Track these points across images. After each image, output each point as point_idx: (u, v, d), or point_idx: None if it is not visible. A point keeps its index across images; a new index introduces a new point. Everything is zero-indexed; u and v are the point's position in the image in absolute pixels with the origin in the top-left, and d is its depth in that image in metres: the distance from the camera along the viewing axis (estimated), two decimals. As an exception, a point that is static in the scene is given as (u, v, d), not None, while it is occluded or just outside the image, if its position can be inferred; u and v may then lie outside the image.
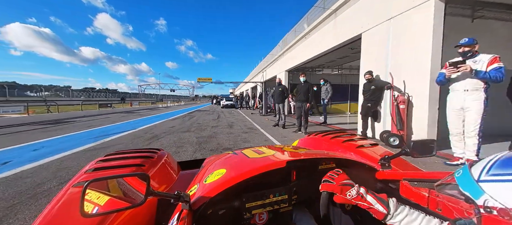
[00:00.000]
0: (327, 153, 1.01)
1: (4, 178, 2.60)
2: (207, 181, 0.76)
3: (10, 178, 2.62)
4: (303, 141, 1.60)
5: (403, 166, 0.99)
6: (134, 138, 5.26)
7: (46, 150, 3.97)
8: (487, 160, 0.43)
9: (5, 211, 1.83)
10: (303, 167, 0.87)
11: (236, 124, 8.23)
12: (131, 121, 9.22)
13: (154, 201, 0.83)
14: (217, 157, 1.16)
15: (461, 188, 0.44)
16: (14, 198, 2.07)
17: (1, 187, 2.33)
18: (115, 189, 0.73)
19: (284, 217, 0.83)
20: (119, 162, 1.04)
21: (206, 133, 6.01)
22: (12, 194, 2.17)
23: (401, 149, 0.82)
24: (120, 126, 7.67)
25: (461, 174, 0.46)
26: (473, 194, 0.41)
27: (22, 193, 2.19)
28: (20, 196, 2.12)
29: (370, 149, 1.18)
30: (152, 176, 1.00)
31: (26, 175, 2.71)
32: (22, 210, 1.86)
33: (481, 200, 0.39)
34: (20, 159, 3.42)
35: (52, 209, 0.72)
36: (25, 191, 2.22)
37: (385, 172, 0.84)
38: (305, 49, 9.30)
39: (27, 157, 3.49)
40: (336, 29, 6.72)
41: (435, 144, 0.84)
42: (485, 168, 0.41)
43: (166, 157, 1.23)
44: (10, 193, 2.18)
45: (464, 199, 0.43)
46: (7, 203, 1.98)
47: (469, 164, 0.47)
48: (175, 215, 0.62)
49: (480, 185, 0.40)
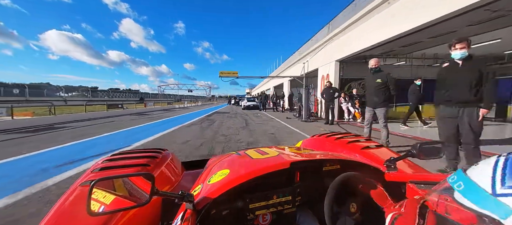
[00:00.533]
0: (331, 154, 1.01)
1: None
2: (211, 181, 0.77)
3: None
4: (307, 142, 1.57)
5: (409, 168, 0.97)
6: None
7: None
8: (491, 165, 0.37)
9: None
10: (307, 168, 0.86)
11: (280, 135, 5.43)
12: (133, 128, 6.78)
13: (158, 200, 0.84)
14: (221, 157, 1.15)
15: (469, 203, 0.36)
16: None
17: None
18: (121, 188, 0.71)
19: (288, 219, 0.81)
20: (125, 162, 1.05)
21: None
22: None
23: (407, 151, 0.81)
24: (110, 139, 5.19)
25: (463, 187, 0.39)
26: (494, 211, 0.33)
27: None
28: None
29: (375, 150, 1.16)
30: (157, 175, 0.99)
31: None
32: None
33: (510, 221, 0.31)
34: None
35: (60, 207, 0.74)
36: None
37: (391, 173, 0.82)
38: (379, 25, 6.19)
39: None
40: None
41: (443, 147, 0.83)
42: (497, 177, 0.35)
43: (170, 157, 1.23)
44: None
45: (476, 215, 0.35)
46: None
47: (462, 169, 0.42)
48: (179, 215, 0.62)
49: (502, 200, 0.33)
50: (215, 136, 5.49)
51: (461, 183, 0.40)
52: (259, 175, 0.69)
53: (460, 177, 0.41)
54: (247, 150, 1.07)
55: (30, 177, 2.57)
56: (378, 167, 0.86)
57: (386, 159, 0.86)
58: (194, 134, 5.73)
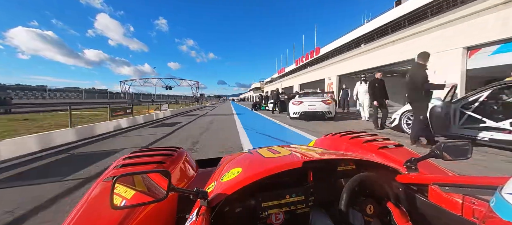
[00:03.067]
0: (346, 153, 0.98)
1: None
2: (224, 179, 0.78)
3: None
4: (321, 141, 1.55)
5: (431, 169, 0.92)
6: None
7: None
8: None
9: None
10: (321, 168, 0.84)
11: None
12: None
13: (174, 196, 0.86)
14: (233, 155, 1.14)
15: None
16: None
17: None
18: (140, 184, 0.69)
19: (301, 218, 0.79)
20: (143, 159, 1.07)
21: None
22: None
23: (430, 151, 0.76)
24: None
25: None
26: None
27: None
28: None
29: (394, 150, 1.12)
30: (173, 172, 1.00)
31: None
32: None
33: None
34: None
35: (86, 200, 0.78)
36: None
37: (411, 175, 0.78)
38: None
39: None
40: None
41: (471, 146, 0.77)
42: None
43: (185, 155, 1.24)
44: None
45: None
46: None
47: (499, 189, 0.41)
48: (194, 211, 0.64)
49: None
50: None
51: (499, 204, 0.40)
52: (270, 174, 0.70)
53: (502, 203, 0.40)
54: (259, 149, 1.06)
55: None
56: (396, 168, 0.82)
57: (406, 159, 0.83)
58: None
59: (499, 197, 0.40)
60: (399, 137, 4.60)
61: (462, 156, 0.76)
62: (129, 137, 5.56)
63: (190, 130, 6.45)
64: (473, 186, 0.57)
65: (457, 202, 0.61)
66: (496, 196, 0.41)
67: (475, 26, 6.63)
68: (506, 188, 0.40)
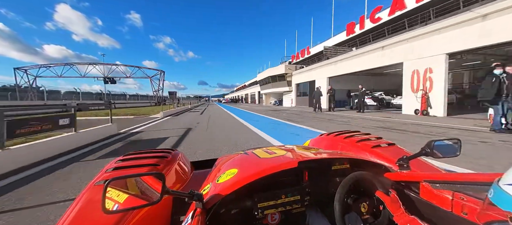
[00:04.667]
0: (340, 153, 1.00)
1: None
2: (220, 181, 0.77)
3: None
4: (316, 141, 1.56)
5: (423, 167, 0.96)
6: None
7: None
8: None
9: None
10: (316, 167, 0.85)
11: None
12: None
13: (169, 199, 0.85)
14: (229, 156, 1.14)
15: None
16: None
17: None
18: (133, 187, 0.72)
19: (297, 218, 0.80)
20: (136, 162, 1.06)
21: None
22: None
23: (421, 149, 0.79)
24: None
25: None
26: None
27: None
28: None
29: (386, 149, 1.15)
30: (167, 175, 1.01)
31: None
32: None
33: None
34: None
35: (76, 205, 0.76)
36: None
37: (403, 173, 0.80)
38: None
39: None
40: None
41: (460, 144, 0.81)
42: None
43: (180, 157, 1.23)
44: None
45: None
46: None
47: (495, 181, 0.43)
48: (190, 214, 0.63)
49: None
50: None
51: (497, 196, 0.41)
52: (266, 174, 0.69)
53: (500, 193, 0.42)
54: (255, 149, 1.06)
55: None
56: (389, 166, 0.84)
57: (398, 157, 0.85)
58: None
59: (498, 189, 0.41)
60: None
61: (451, 154, 0.79)
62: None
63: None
64: (462, 182, 0.59)
65: (447, 198, 0.62)
66: (494, 188, 0.43)
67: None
68: (504, 180, 0.41)
